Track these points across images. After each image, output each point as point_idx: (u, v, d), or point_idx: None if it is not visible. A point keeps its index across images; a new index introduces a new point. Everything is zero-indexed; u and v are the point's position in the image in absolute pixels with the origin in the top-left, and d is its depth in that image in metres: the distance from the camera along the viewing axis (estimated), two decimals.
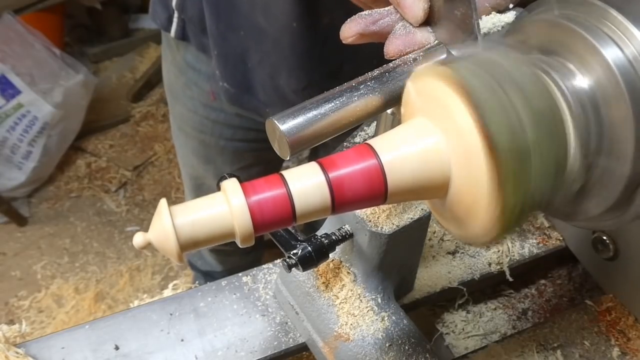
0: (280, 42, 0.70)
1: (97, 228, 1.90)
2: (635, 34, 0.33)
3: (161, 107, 2.27)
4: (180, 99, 0.91)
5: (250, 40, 0.72)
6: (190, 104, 0.90)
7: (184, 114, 0.93)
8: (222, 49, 0.75)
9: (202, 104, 0.88)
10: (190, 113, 0.91)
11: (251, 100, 0.79)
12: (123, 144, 2.15)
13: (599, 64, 0.34)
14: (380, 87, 0.37)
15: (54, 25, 2.19)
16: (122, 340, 0.59)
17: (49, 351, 0.58)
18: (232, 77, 0.78)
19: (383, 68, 0.38)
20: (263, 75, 0.75)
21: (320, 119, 0.36)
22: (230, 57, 0.75)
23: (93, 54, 2.42)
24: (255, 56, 0.73)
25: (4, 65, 1.79)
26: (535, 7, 0.39)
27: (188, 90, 0.88)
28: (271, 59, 0.72)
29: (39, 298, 1.70)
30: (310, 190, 0.31)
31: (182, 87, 0.89)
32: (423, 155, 0.32)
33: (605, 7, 0.34)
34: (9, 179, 1.88)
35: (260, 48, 0.72)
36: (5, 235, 1.87)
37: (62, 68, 1.88)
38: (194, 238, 0.27)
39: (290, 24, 0.66)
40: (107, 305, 1.68)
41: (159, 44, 2.50)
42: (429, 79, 0.32)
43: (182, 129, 0.96)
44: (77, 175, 2.05)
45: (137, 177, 2.06)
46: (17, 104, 1.83)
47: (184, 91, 0.89)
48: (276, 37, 0.69)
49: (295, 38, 0.68)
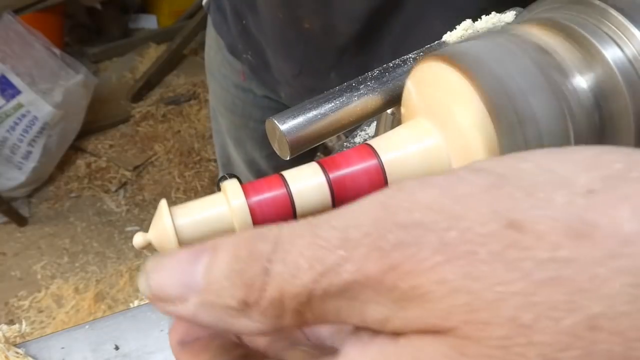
0: (273, 27, 0.71)
1: (97, 228, 1.90)
2: (635, 34, 0.33)
3: (161, 107, 2.27)
4: (216, 77, 0.93)
5: (257, 22, 0.74)
6: (224, 82, 0.92)
7: (218, 93, 0.94)
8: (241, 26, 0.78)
9: (234, 84, 0.90)
10: (223, 91, 0.93)
11: (267, 76, 0.80)
12: (123, 144, 2.15)
13: (599, 63, 0.34)
14: (380, 87, 0.37)
15: (53, 25, 2.20)
16: (122, 340, 0.59)
17: (49, 351, 0.58)
18: (253, 50, 0.79)
19: (383, 68, 0.38)
20: (271, 54, 0.77)
21: (320, 119, 0.36)
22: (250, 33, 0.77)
23: (93, 54, 2.42)
24: (262, 36, 0.75)
25: (4, 65, 1.79)
26: (535, 7, 0.39)
27: (223, 68, 0.90)
28: (270, 41, 0.74)
29: (39, 298, 1.70)
30: (310, 191, 0.31)
31: (219, 64, 0.91)
32: (424, 154, 0.32)
33: (605, 7, 0.34)
34: (9, 179, 1.88)
35: (262, 29, 0.74)
36: (5, 235, 1.87)
37: (62, 68, 1.88)
38: (195, 238, 0.27)
39: (276, 14, 0.68)
40: (107, 305, 1.68)
41: (159, 44, 2.51)
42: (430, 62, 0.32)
43: (216, 108, 0.98)
44: (77, 175, 2.05)
45: (137, 177, 2.06)
46: (17, 104, 1.83)
47: (219, 69, 0.91)
48: (271, 21, 0.71)
49: (283, 28, 0.69)
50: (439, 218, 0.15)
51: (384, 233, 0.16)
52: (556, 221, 0.14)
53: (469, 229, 0.15)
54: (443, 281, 0.15)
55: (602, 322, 0.13)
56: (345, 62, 0.68)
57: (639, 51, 0.33)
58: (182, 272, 0.18)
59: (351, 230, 0.16)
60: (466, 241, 0.15)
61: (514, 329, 0.14)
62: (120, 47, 2.47)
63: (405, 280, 0.15)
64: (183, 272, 0.18)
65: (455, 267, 0.15)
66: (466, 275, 0.15)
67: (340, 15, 0.62)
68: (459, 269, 0.15)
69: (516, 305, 0.14)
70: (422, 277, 0.15)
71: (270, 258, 0.17)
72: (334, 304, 0.16)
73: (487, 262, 0.14)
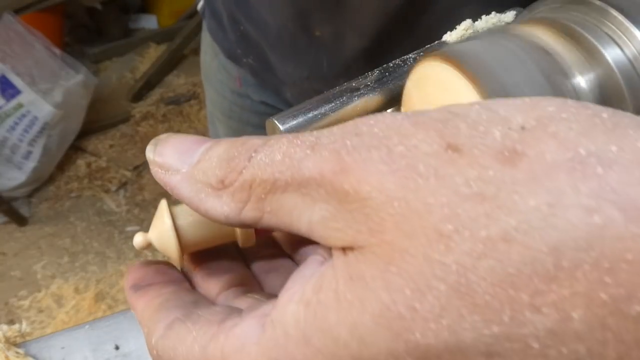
0: (281, 35, 0.71)
1: (97, 228, 1.90)
2: (635, 34, 0.33)
3: (161, 107, 2.27)
4: (213, 83, 0.93)
5: (260, 28, 0.74)
6: (220, 88, 0.91)
7: (214, 99, 0.94)
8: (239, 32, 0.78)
9: (230, 90, 0.90)
10: (220, 97, 0.93)
11: (272, 78, 0.80)
12: (123, 144, 2.15)
13: (599, 63, 0.34)
14: (380, 87, 0.37)
15: (53, 25, 2.20)
16: (122, 340, 0.59)
17: (49, 351, 0.58)
18: (254, 54, 0.79)
19: (383, 68, 0.38)
20: (275, 59, 0.76)
21: (321, 119, 0.36)
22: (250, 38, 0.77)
23: (93, 54, 2.42)
24: (266, 42, 0.75)
25: (4, 65, 1.79)
26: (535, 7, 0.39)
27: (219, 73, 0.90)
28: (277, 48, 0.74)
29: (39, 298, 1.70)
30: None
31: (215, 70, 0.91)
32: None
33: (605, 7, 0.34)
34: (9, 178, 1.88)
35: (267, 36, 0.74)
36: (5, 235, 1.87)
37: (62, 68, 1.88)
38: (195, 239, 0.27)
39: (285, 24, 0.67)
40: (107, 305, 1.68)
41: (159, 44, 2.52)
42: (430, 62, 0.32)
43: (213, 114, 0.98)
44: (77, 175, 2.05)
45: (137, 177, 2.06)
46: (17, 104, 1.83)
47: (216, 74, 0.91)
48: (278, 30, 0.71)
49: (292, 36, 0.69)
50: (393, 134, 0.17)
51: (345, 140, 0.18)
52: (490, 148, 0.16)
53: (415, 147, 0.17)
54: (383, 189, 0.16)
55: (516, 236, 0.15)
56: (354, 71, 0.68)
57: (639, 51, 0.33)
58: (184, 149, 0.21)
59: (323, 137, 0.18)
60: (410, 156, 0.16)
61: (436, 239, 0.15)
62: (121, 47, 2.47)
63: (351, 183, 0.17)
64: (185, 149, 0.21)
65: (396, 177, 0.16)
66: (403, 185, 0.16)
67: (350, 28, 0.62)
68: (398, 179, 0.16)
69: (441, 216, 0.15)
70: (366, 182, 0.17)
71: (257, 149, 0.19)
72: (291, 197, 0.19)
73: (423, 175, 0.16)
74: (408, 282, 0.16)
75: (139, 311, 0.24)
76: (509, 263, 0.15)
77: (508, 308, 0.15)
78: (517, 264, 0.15)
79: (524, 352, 0.15)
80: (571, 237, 0.14)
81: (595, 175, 0.15)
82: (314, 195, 0.18)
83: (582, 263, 0.14)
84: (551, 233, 0.14)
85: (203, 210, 0.21)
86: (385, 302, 0.16)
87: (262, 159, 0.19)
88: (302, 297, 0.18)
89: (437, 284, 0.15)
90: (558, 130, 0.16)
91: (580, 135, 0.16)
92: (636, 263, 0.14)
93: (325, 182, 0.18)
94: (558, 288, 0.14)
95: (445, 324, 0.15)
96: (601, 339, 0.14)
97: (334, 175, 0.17)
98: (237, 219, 0.20)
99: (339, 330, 0.17)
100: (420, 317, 0.15)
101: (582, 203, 0.14)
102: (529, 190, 0.15)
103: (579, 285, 0.14)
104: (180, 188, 0.21)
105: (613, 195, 0.14)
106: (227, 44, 0.83)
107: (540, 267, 0.14)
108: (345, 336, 0.17)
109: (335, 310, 0.17)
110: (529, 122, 0.16)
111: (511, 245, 0.15)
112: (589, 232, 0.14)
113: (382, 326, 0.16)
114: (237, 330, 0.20)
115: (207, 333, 0.21)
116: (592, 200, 0.14)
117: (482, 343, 0.15)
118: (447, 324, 0.15)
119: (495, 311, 0.15)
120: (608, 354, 0.14)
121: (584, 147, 0.15)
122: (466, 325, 0.15)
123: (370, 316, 0.16)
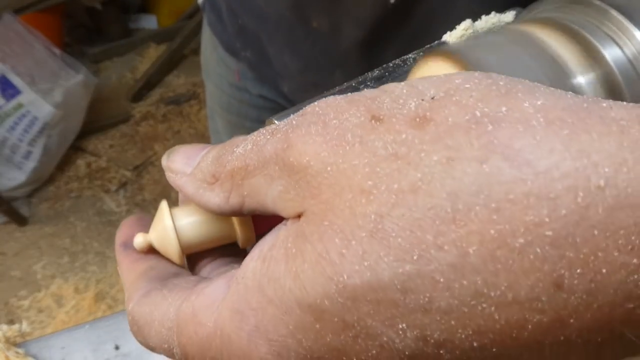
0: (279, 26, 0.71)
1: (97, 228, 1.90)
2: (635, 34, 0.33)
3: (161, 107, 2.27)
4: (212, 76, 0.93)
5: (258, 20, 0.74)
6: (219, 82, 0.91)
7: (213, 92, 0.95)
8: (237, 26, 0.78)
9: (229, 83, 0.90)
10: (219, 91, 0.93)
11: (269, 72, 0.80)
12: (123, 144, 2.15)
13: (599, 63, 0.34)
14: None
15: (53, 25, 2.20)
16: (122, 340, 0.59)
17: (49, 351, 0.58)
18: (252, 47, 0.79)
19: (383, 68, 0.38)
20: (273, 51, 0.77)
21: None
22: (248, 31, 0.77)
23: (93, 54, 2.42)
24: (264, 34, 0.75)
25: (4, 65, 1.79)
26: (535, 7, 0.39)
27: (218, 67, 0.90)
28: (274, 39, 0.74)
29: (39, 298, 1.70)
30: None
31: (214, 64, 0.91)
32: None
33: (605, 7, 0.34)
34: (9, 179, 1.88)
35: (265, 28, 0.74)
36: (5, 235, 1.87)
37: (62, 68, 1.89)
38: (196, 239, 0.27)
39: (283, 13, 0.68)
40: (107, 305, 1.68)
41: (159, 44, 2.52)
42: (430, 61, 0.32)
43: (213, 108, 0.98)
44: (77, 175, 2.05)
45: (137, 177, 2.06)
46: (17, 104, 1.83)
47: (215, 68, 0.91)
48: (276, 20, 0.71)
49: (290, 27, 0.69)
50: (330, 111, 0.20)
51: (292, 120, 0.21)
52: (405, 116, 0.19)
53: (346, 119, 0.19)
54: (319, 157, 0.19)
55: (421, 186, 0.17)
56: (350, 63, 0.68)
57: (639, 51, 0.33)
58: (190, 155, 0.25)
59: (282, 123, 0.21)
60: (341, 128, 0.19)
61: (359, 193, 0.18)
62: (120, 47, 2.47)
63: (295, 156, 0.20)
64: (191, 155, 0.25)
65: (329, 146, 0.19)
66: (335, 152, 0.19)
67: (347, 19, 0.63)
68: (330, 148, 0.19)
69: (363, 174, 0.18)
70: (306, 153, 0.19)
71: (238, 144, 0.22)
72: (258, 179, 0.21)
73: (350, 142, 0.19)
74: (337, 233, 0.18)
75: (123, 271, 0.27)
76: (416, 209, 0.17)
77: (417, 248, 0.17)
78: (422, 209, 0.17)
79: (432, 286, 0.17)
80: (465, 184, 0.17)
81: (486, 132, 0.17)
82: (272, 174, 0.21)
83: (475, 205, 0.16)
84: (449, 182, 0.17)
85: (203, 203, 0.24)
86: (319, 251, 0.18)
87: (239, 151, 0.22)
88: (259, 254, 0.21)
89: (359, 232, 0.18)
90: (461, 98, 0.19)
91: (477, 101, 0.18)
92: (517, 201, 0.16)
93: (278, 160, 0.20)
94: (456, 228, 0.17)
95: (367, 265, 0.17)
96: (493, 270, 0.16)
97: (283, 151, 0.20)
98: (227, 207, 0.23)
99: (285, 279, 0.19)
100: (347, 261, 0.18)
101: (475, 155, 0.17)
102: (433, 148, 0.18)
103: (472, 225, 0.16)
104: (186, 187, 0.24)
105: (500, 147, 0.17)
106: (226, 37, 0.83)
107: (441, 211, 0.17)
108: (290, 284, 0.19)
109: (283, 262, 0.19)
110: (439, 93, 0.19)
111: (417, 194, 0.17)
112: (480, 179, 0.17)
113: (318, 272, 0.18)
114: (207, 289, 0.23)
115: (181, 297, 0.23)
116: (482, 152, 0.17)
117: (397, 280, 0.17)
118: (368, 265, 0.17)
119: (407, 251, 0.17)
120: (500, 283, 0.16)
121: (480, 109, 0.18)
122: (384, 266, 0.17)
123: (308, 264, 0.18)
